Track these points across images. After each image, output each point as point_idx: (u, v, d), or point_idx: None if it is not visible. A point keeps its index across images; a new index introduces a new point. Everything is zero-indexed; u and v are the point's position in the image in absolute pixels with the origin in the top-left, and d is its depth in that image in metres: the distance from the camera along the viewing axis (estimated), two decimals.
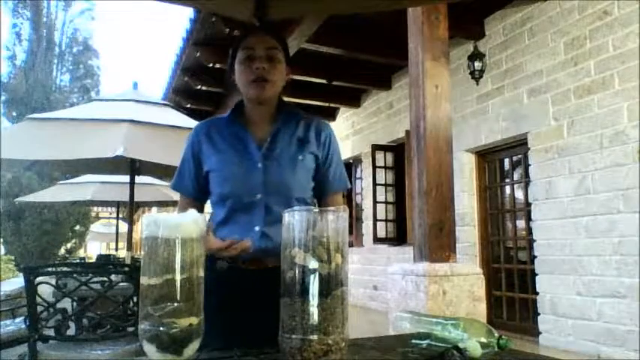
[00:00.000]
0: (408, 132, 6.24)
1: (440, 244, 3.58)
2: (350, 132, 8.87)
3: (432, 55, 3.74)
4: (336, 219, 0.87)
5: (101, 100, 5.76)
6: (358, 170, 8.83)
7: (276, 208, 1.33)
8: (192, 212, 0.90)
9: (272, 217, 1.33)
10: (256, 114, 1.44)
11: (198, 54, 6.00)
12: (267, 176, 1.36)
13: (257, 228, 1.34)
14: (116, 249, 12.58)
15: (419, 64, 3.76)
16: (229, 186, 1.37)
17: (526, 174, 5.33)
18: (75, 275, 2.65)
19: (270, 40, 1.41)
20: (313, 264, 0.83)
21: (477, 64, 5.58)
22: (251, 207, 1.35)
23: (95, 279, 2.81)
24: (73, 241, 16.69)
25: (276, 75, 1.40)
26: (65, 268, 3.66)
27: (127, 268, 3.06)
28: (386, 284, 4.10)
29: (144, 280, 0.83)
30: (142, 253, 0.84)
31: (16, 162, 4.49)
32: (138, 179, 5.30)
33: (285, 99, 1.53)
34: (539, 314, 4.99)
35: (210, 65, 6.13)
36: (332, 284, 0.84)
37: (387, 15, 4.56)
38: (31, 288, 2.50)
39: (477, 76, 5.61)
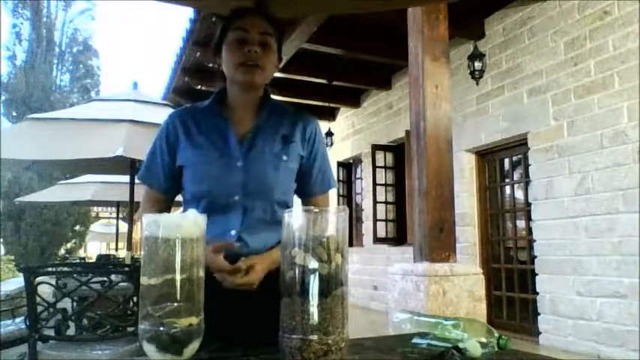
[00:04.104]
0: (408, 132, 6.24)
1: (440, 244, 3.58)
2: (350, 132, 8.88)
3: (432, 55, 3.74)
4: (336, 219, 0.87)
5: (101, 100, 5.76)
6: (358, 170, 8.83)
7: (256, 211, 1.25)
8: (193, 212, 0.90)
9: (250, 220, 1.25)
10: (240, 103, 1.32)
11: (198, 54, 6.01)
12: (247, 176, 1.24)
13: (233, 232, 1.24)
14: (116, 249, 12.57)
15: (419, 64, 3.76)
16: (205, 184, 1.24)
17: (526, 174, 5.33)
18: (75, 275, 2.65)
19: (266, 24, 1.28)
20: (313, 264, 0.83)
21: (477, 64, 5.58)
22: (228, 208, 1.24)
23: (95, 279, 2.81)
24: (73, 241, 16.70)
25: (268, 62, 1.28)
26: (65, 268, 3.66)
27: (127, 268, 3.06)
28: (386, 284, 4.11)
29: (144, 280, 0.83)
30: (142, 253, 0.84)
31: (16, 162, 4.49)
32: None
33: (285, 99, 1.48)
34: (539, 314, 4.99)
35: (210, 65, 6.13)
36: (332, 284, 0.84)
37: (387, 15, 4.55)
38: (31, 288, 2.50)
39: (477, 76, 5.61)
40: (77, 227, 16.49)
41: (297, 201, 1.39)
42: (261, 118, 1.31)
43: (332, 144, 8.98)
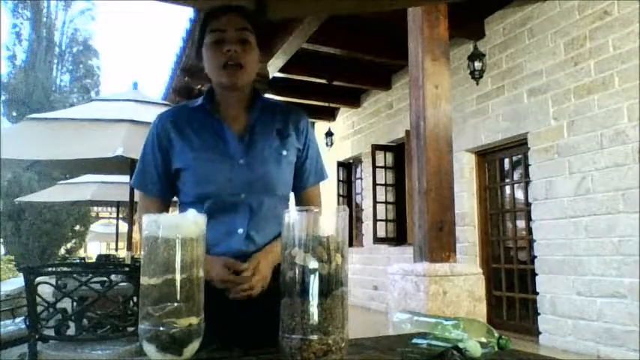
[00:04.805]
0: (408, 132, 6.24)
1: (440, 244, 3.58)
2: (350, 132, 8.88)
3: (432, 55, 3.74)
4: (336, 219, 0.87)
5: (101, 100, 5.76)
6: (358, 170, 8.83)
7: (261, 207, 1.25)
8: (193, 212, 0.90)
9: (256, 217, 1.25)
10: (230, 103, 1.30)
11: None
12: (252, 173, 1.24)
13: (240, 230, 1.24)
14: (116, 249, 12.57)
15: (419, 64, 3.76)
16: (210, 185, 1.23)
17: (526, 174, 5.33)
18: (75, 275, 2.65)
19: (241, 20, 1.26)
20: (313, 264, 0.83)
21: (477, 64, 5.58)
22: (234, 207, 1.23)
23: (95, 279, 2.81)
24: (73, 241, 16.68)
25: (249, 60, 1.26)
26: (65, 268, 3.66)
27: (127, 268, 3.06)
28: (386, 284, 4.11)
29: (144, 280, 0.83)
30: (142, 253, 0.84)
31: (16, 162, 4.49)
32: None
33: (285, 99, 1.48)
34: (539, 314, 4.99)
35: None
36: (332, 284, 0.84)
37: (387, 15, 4.56)
38: (31, 288, 2.50)
39: (477, 76, 5.61)
40: (77, 227, 16.48)
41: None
42: (253, 115, 1.30)
43: (332, 144, 8.98)
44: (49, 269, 3.29)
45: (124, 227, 9.56)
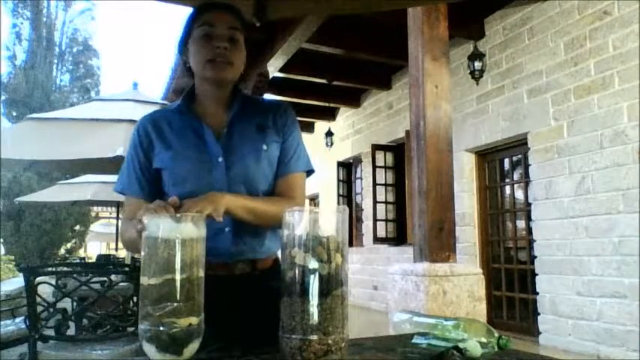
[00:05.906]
0: (408, 132, 6.24)
1: (440, 244, 3.58)
2: (350, 132, 8.88)
3: (432, 55, 3.74)
4: (336, 219, 0.87)
5: (101, 100, 5.76)
6: (358, 170, 8.83)
7: None
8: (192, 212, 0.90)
9: None
10: (211, 99, 1.29)
11: None
12: (230, 171, 1.22)
13: (227, 229, 1.21)
14: (116, 249, 12.57)
15: (419, 64, 3.76)
16: (188, 185, 1.19)
17: (526, 174, 5.33)
18: (75, 275, 2.65)
19: (232, 19, 1.25)
20: (313, 264, 0.83)
21: (477, 64, 5.58)
22: None
23: (95, 279, 2.81)
24: (73, 241, 16.71)
25: (237, 58, 1.25)
26: (65, 268, 3.65)
27: (127, 268, 3.06)
28: (386, 284, 4.10)
29: (144, 280, 0.83)
30: (142, 253, 0.84)
31: (16, 162, 4.49)
32: None
33: (285, 99, 1.45)
34: (539, 314, 4.99)
35: None
36: (332, 284, 0.84)
37: (387, 15, 4.56)
38: (31, 288, 2.50)
39: (477, 76, 5.61)
40: (77, 227, 16.51)
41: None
42: (233, 112, 1.28)
43: (332, 144, 8.98)
44: (49, 269, 3.29)
45: None
